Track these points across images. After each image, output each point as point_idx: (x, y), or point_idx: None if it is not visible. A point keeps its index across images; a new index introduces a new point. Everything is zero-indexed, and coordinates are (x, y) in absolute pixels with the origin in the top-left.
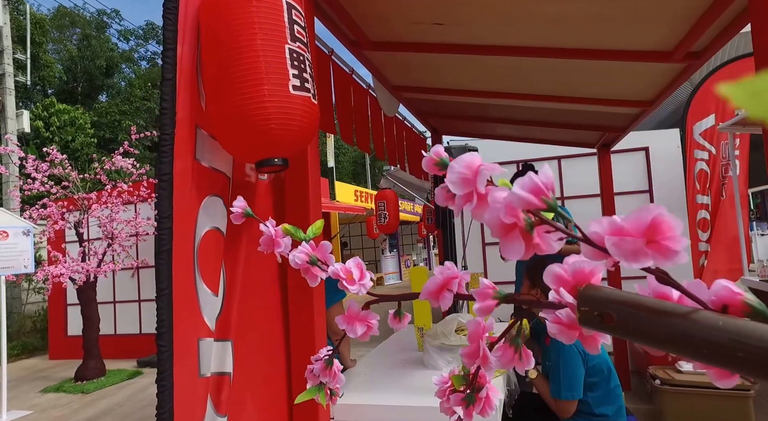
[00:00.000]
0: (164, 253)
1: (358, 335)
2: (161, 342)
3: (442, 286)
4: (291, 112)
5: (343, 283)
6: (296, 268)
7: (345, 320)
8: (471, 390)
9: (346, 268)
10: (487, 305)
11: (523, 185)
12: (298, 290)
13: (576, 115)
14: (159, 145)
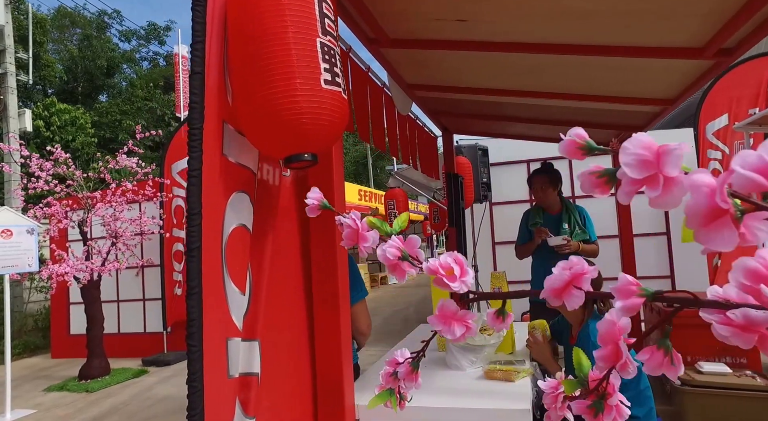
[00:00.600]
0: (194, 250)
1: (456, 336)
2: (192, 342)
3: (569, 282)
4: (322, 107)
5: (443, 280)
6: (386, 262)
7: (440, 320)
8: (599, 397)
9: (445, 264)
10: (633, 303)
11: (748, 164)
12: (322, 289)
13: (592, 113)
14: (188, 140)
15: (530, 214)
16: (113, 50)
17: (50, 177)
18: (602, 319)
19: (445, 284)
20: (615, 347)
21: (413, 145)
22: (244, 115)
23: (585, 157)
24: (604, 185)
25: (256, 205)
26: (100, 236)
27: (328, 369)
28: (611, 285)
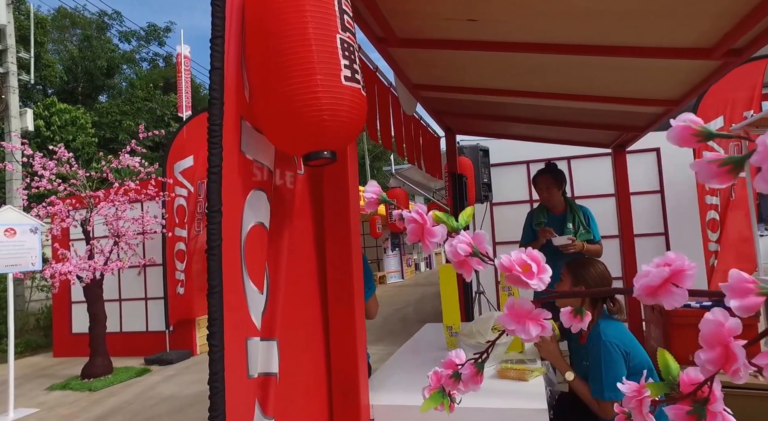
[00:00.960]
0: (215, 248)
1: (531, 336)
2: (213, 342)
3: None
4: (342, 104)
5: (520, 277)
6: (454, 258)
7: (513, 318)
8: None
9: (522, 260)
10: (751, 302)
11: None
12: (338, 288)
13: (595, 114)
14: (208, 137)
15: (534, 214)
16: (113, 51)
17: (53, 176)
18: (612, 321)
19: (522, 282)
20: (725, 349)
21: (417, 145)
22: (262, 111)
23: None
24: (727, 175)
25: (272, 203)
26: (102, 236)
27: (343, 368)
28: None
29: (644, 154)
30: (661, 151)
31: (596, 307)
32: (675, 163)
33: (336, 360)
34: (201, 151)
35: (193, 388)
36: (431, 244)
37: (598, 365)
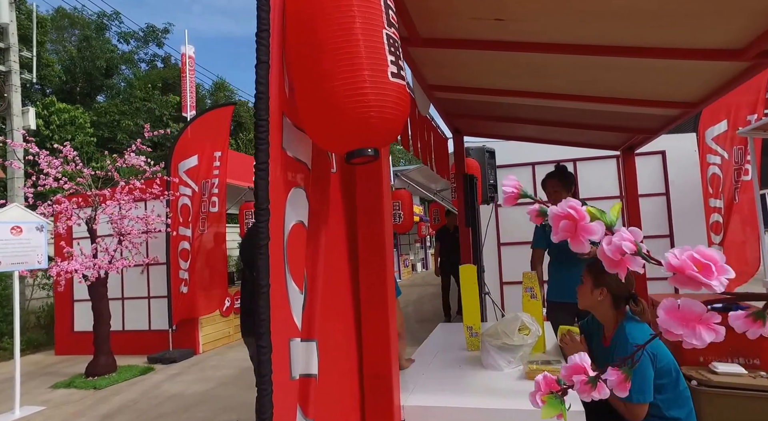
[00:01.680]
0: (263, 247)
1: (705, 342)
2: (262, 343)
3: None
4: (388, 100)
5: (696, 278)
6: (614, 257)
7: (679, 322)
8: None
9: (696, 259)
10: None
11: None
12: (371, 288)
13: (608, 116)
14: (255, 132)
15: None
16: (112, 51)
17: (60, 174)
18: (637, 322)
19: (698, 283)
20: None
21: (429, 145)
22: (305, 108)
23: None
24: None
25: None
26: (106, 234)
27: (376, 370)
28: None
29: (650, 157)
30: (666, 154)
31: (619, 308)
32: (680, 166)
33: (368, 361)
34: (205, 150)
35: (197, 387)
36: (585, 241)
37: None
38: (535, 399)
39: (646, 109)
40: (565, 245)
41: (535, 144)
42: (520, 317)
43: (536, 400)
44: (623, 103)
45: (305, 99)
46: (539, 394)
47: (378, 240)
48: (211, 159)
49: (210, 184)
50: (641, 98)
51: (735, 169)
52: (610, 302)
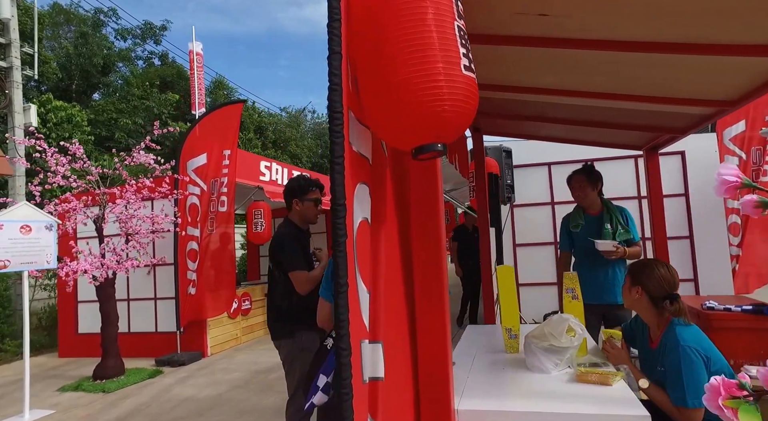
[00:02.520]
0: (341, 245)
1: None
2: (342, 345)
3: None
4: (460, 94)
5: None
6: None
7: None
8: None
9: None
10: None
11: None
12: (427, 287)
13: (638, 114)
14: (330, 125)
15: (571, 217)
16: (110, 48)
17: (69, 172)
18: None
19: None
20: None
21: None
22: (372, 102)
23: None
24: None
25: (372, 197)
26: (114, 234)
27: (432, 373)
28: None
29: (669, 158)
30: (686, 155)
31: (660, 308)
32: (700, 166)
33: (424, 364)
34: (215, 149)
35: (209, 390)
36: None
37: (677, 372)
38: (718, 404)
39: (681, 107)
40: (591, 245)
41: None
42: (567, 318)
43: (719, 405)
44: (659, 102)
45: (373, 93)
46: (720, 399)
47: (434, 237)
48: (220, 157)
49: (219, 184)
50: (678, 96)
51: (753, 170)
52: (647, 301)
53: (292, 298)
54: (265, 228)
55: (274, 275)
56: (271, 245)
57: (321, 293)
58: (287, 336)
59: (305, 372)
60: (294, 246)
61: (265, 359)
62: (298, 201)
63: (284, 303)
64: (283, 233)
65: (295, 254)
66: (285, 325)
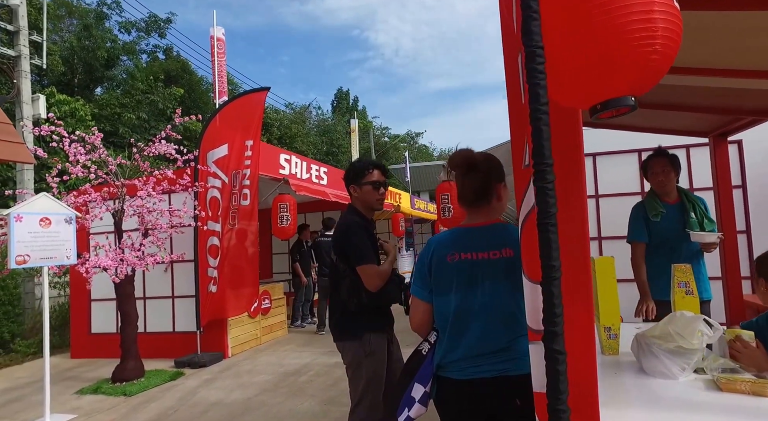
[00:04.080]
0: (551, 216)
1: None
2: (557, 348)
3: None
4: (675, 32)
5: None
6: None
7: None
8: None
9: None
10: None
11: None
12: (572, 280)
13: (713, 93)
14: (528, 63)
15: (647, 205)
16: (114, 41)
17: (90, 162)
18: None
19: None
20: None
21: None
22: (558, 52)
23: None
24: None
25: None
26: (130, 229)
27: (579, 381)
28: None
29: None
30: (743, 144)
31: None
32: (759, 156)
33: (571, 371)
34: (236, 139)
35: (237, 394)
36: None
37: None
38: None
39: None
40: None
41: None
42: (697, 317)
43: None
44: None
45: (563, 39)
46: None
47: (579, 219)
48: (242, 148)
49: (241, 176)
50: None
51: None
52: None
53: (360, 295)
54: (290, 222)
55: (338, 269)
56: (335, 235)
57: (414, 291)
58: (353, 338)
59: (372, 379)
60: (362, 236)
61: (290, 360)
62: (355, 187)
63: (352, 301)
64: (350, 220)
65: (364, 245)
66: (351, 325)
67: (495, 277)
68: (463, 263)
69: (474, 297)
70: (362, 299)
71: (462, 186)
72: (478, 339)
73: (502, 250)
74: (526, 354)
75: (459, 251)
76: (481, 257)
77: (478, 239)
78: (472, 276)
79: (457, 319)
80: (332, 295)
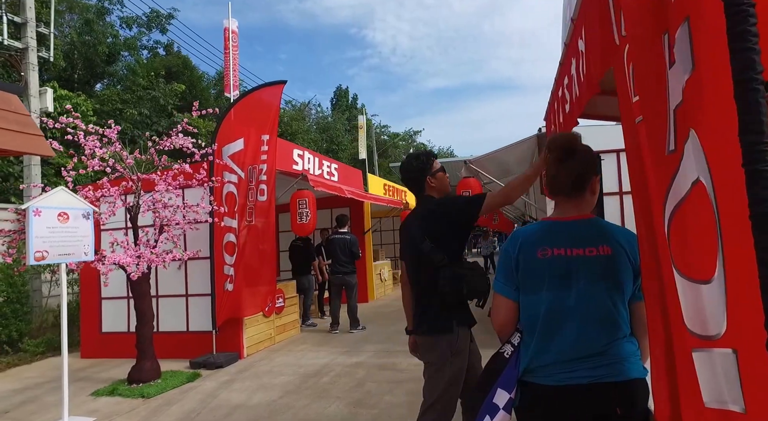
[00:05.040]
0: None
1: None
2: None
3: None
4: None
5: None
6: None
7: None
8: None
9: None
10: None
11: None
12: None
13: None
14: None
15: None
16: (116, 36)
17: (108, 155)
18: None
19: None
20: None
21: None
22: None
23: None
24: None
25: None
26: (144, 225)
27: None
28: None
29: None
30: None
31: None
32: None
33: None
34: (252, 134)
35: (260, 396)
36: None
37: None
38: None
39: None
40: None
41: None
42: None
43: None
44: None
45: None
46: None
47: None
48: (258, 143)
49: (257, 171)
50: None
51: None
52: None
53: (461, 287)
54: (310, 218)
55: (433, 257)
56: (425, 221)
57: (498, 287)
58: (445, 332)
59: (453, 380)
60: None
61: (308, 361)
62: (431, 178)
63: (452, 293)
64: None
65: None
66: (446, 319)
67: (591, 275)
68: (556, 260)
69: (568, 297)
70: (462, 292)
71: (556, 173)
72: (573, 342)
73: (599, 247)
74: (624, 359)
75: (551, 245)
76: (576, 254)
77: (572, 234)
78: (566, 274)
79: (548, 320)
80: (423, 289)
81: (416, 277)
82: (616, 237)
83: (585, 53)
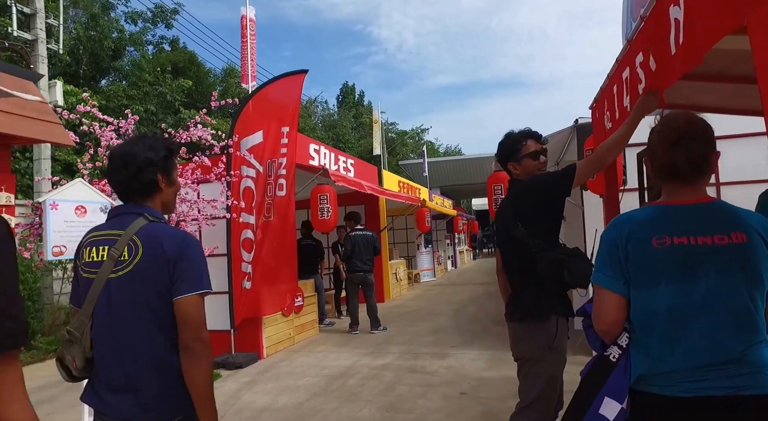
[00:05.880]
0: None
1: None
2: None
3: None
4: None
5: None
6: None
7: None
8: None
9: None
10: None
11: None
12: None
13: None
14: None
15: None
16: (121, 31)
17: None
18: None
19: None
20: None
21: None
22: None
23: None
24: None
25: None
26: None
27: None
28: None
29: None
30: None
31: None
32: None
33: None
34: (272, 126)
35: (285, 398)
36: None
37: None
38: None
39: None
40: None
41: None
42: None
43: None
44: None
45: None
46: None
47: None
48: (278, 135)
49: (277, 165)
50: None
51: None
52: None
53: (563, 272)
54: (332, 214)
55: (528, 242)
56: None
57: (602, 280)
58: (540, 319)
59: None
60: None
61: (330, 362)
62: (514, 164)
63: (554, 278)
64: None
65: None
66: (542, 304)
67: (723, 267)
68: (677, 249)
69: (694, 292)
70: (564, 278)
71: (672, 155)
72: (705, 346)
73: (731, 234)
74: (766, 367)
75: (670, 233)
76: (702, 242)
77: (695, 220)
78: (691, 265)
79: (671, 319)
80: (518, 274)
81: (513, 264)
82: (751, 222)
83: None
